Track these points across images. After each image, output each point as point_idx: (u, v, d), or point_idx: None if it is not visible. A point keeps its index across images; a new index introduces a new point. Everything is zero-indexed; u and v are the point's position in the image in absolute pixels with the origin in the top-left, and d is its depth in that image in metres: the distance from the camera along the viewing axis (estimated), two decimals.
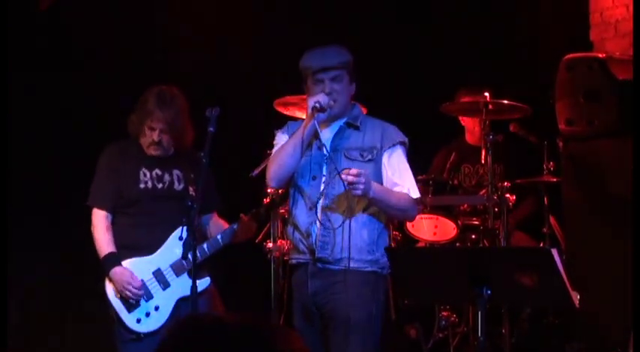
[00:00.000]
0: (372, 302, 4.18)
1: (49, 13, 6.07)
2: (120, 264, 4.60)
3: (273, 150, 4.31)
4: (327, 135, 4.25)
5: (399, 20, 6.48)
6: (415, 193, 4.25)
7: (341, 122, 4.27)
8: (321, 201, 4.16)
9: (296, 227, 4.23)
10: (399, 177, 4.23)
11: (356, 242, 4.15)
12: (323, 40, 6.24)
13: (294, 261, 4.28)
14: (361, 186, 4.01)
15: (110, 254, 4.61)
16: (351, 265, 4.13)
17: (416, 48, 6.45)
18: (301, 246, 4.21)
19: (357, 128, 4.27)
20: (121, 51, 6.16)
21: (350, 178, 3.99)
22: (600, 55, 5.06)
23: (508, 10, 6.28)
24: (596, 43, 5.97)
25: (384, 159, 4.23)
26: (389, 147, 4.24)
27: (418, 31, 6.43)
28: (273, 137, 4.37)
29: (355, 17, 6.40)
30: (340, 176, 4.01)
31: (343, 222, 4.13)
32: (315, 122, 4.12)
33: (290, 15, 6.39)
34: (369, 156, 4.21)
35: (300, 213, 4.22)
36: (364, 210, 4.19)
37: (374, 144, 4.23)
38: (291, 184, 4.27)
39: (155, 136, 4.65)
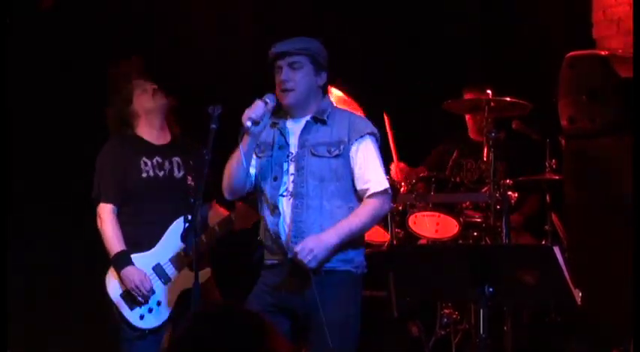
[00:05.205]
0: (348, 303, 4.12)
1: (50, 13, 6.07)
2: (132, 264, 4.59)
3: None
4: (294, 130, 4.18)
5: (401, 18, 6.48)
6: (382, 185, 4.12)
7: (308, 117, 4.17)
8: (291, 201, 4.08)
9: (266, 229, 4.16)
10: (367, 172, 4.11)
11: None
12: (325, 37, 6.23)
13: (268, 263, 4.20)
14: (314, 257, 3.97)
15: (122, 252, 4.61)
16: (326, 265, 4.05)
17: (418, 46, 6.45)
18: (273, 247, 4.15)
19: (324, 122, 4.15)
20: (121, 50, 6.16)
21: (301, 259, 3.96)
22: (603, 53, 5.07)
23: (511, 8, 6.28)
24: (598, 40, 5.97)
25: (352, 152, 4.11)
26: (356, 139, 4.11)
27: (420, 29, 6.44)
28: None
29: (357, 16, 6.40)
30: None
31: (314, 222, 4.06)
32: (249, 140, 4.07)
33: (291, 12, 6.39)
34: (337, 151, 4.10)
35: (267, 215, 4.15)
36: (337, 209, 4.10)
37: (341, 137, 4.12)
38: (257, 188, 4.21)
39: (154, 86, 4.75)
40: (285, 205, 4.10)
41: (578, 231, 5.04)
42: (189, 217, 4.04)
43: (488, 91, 5.34)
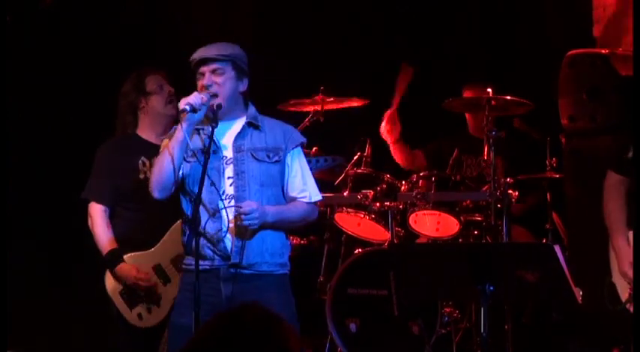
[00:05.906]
0: (289, 303, 4.18)
1: (52, 10, 6.07)
2: (123, 260, 4.60)
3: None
4: (226, 135, 4.19)
5: (401, 18, 6.48)
6: (316, 196, 4.26)
7: (240, 121, 4.20)
8: (232, 204, 4.09)
9: (198, 232, 4.08)
10: (303, 181, 4.22)
11: (269, 246, 4.14)
12: (325, 37, 6.25)
13: (194, 268, 4.07)
14: (256, 221, 4.03)
15: (113, 250, 4.61)
16: (265, 269, 4.12)
17: (418, 46, 6.45)
18: (208, 252, 4.11)
19: (257, 127, 4.20)
20: (121, 49, 6.17)
21: (244, 217, 4.01)
22: (603, 51, 5.07)
23: (511, 6, 6.28)
24: (599, 39, 5.96)
25: (288, 160, 4.20)
26: (292, 148, 4.22)
27: (421, 28, 6.44)
28: None
29: (357, 15, 6.40)
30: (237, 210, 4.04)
31: (258, 226, 4.10)
32: (185, 125, 4.04)
33: (291, 12, 6.38)
34: (276, 158, 4.18)
35: (203, 220, 4.09)
36: None
37: (277, 144, 4.20)
38: (185, 192, 4.17)
39: (171, 89, 4.77)
40: (227, 211, 4.09)
41: (578, 229, 5.04)
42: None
43: (489, 90, 5.34)
